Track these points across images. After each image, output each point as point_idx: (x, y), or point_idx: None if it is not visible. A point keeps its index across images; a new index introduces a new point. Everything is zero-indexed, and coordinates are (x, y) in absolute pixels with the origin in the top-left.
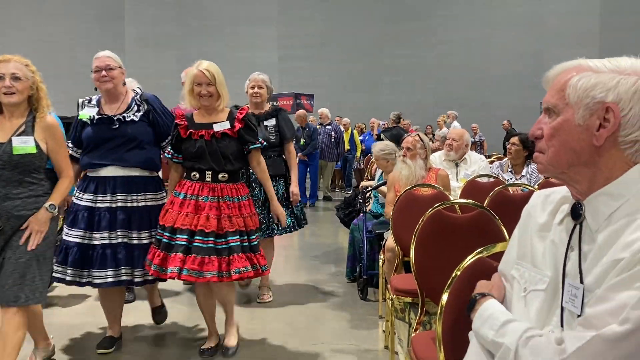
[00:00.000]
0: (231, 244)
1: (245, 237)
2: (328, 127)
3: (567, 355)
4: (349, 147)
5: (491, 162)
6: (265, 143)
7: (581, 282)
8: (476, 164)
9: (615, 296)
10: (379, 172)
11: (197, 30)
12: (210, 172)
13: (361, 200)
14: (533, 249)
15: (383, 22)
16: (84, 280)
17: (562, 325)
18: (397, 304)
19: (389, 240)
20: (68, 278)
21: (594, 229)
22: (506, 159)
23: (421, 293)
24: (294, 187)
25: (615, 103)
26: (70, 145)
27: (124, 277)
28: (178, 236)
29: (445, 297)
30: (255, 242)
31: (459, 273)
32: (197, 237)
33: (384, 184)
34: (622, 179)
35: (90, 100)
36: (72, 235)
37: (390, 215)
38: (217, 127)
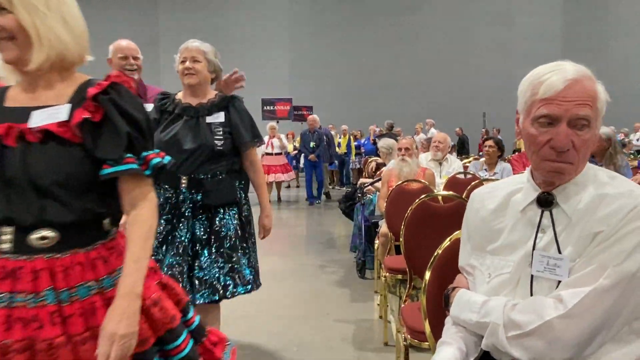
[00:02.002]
0: None
1: None
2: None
3: (568, 309)
4: (346, 150)
5: (469, 162)
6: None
7: (559, 252)
8: (455, 163)
9: (598, 260)
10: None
11: (222, 52)
12: (11, 231)
13: (359, 195)
14: (491, 236)
15: (378, 46)
16: None
17: (531, 294)
18: (390, 280)
19: (383, 227)
20: None
21: (570, 213)
22: (482, 159)
23: (409, 271)
24: (265, 219)
25: (602, 109)
26: None
27: None
28: None
29: (428, 273)
30: (183, 354)
31: (440, 252)
32: None
33: (379, 180)
34: (585, 169)
35: None
36: None
37: (383, 208)
38: (35, 119)
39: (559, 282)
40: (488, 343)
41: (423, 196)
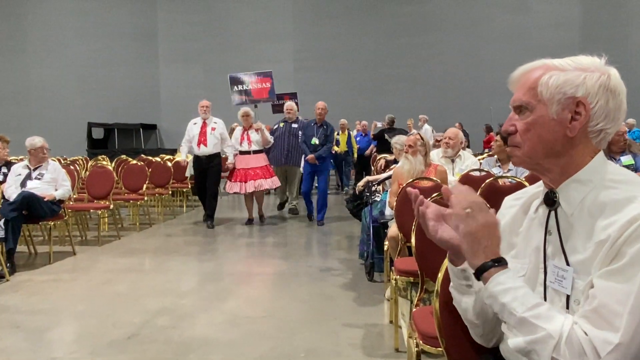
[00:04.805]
0: None
1: None
2: (294, 125)
3: None
4: (346, 149)
5: (482, 159)
6: None
7: (567, 264)
8: (469, 160)
9: (616, 286)
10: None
11: (222, 46)
12: None
13: (368, 194)
14: (510, 245)
15: (384, 37)
16: None
17: (545, 301)
18: (400, 283)
19: (392, 228)
20: None
21: (569, 213)
22: (495, 156)
23: (421, 273)
24: None
25: (585, 97)
26: None
27: None
28: None
29: (441, 275)
30: None
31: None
32: None
33: (389, 177)
34: (589, 166)
35: None
36: None
37: (394, 204)
38: None
39: (567, 295)
40: (521, 344)
41: (434, 195)
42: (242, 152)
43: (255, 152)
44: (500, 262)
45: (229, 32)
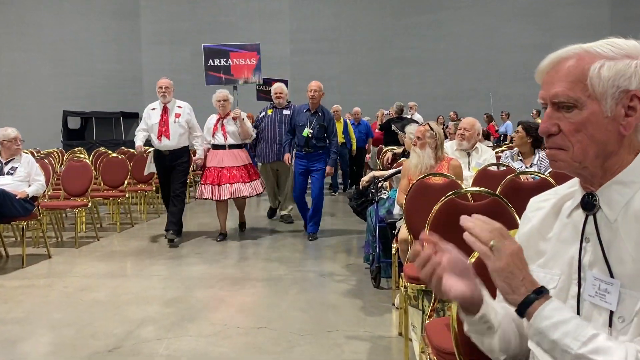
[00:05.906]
0: None
1: None
2: (286, 111)
3: None
4: (343, 140)
5: (501, 152)
6: None
7: (611, 275)
8: (487, 153)
9: None
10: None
11: (211, 26)
12: None
13: (373, 190)
14: (538, 252)
15: (392, 16)
16: None
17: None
18: (411, 291)
19: (402, 230)
20: None
21: (612, 219)
22: (515, 148)
23: None
24: None
25: (639, 89)
26: None
27: None
28: None
29: None
30: None
31: (472, 260)
32: None
33: (398, 172)
34: (633, 165)
35: None
36: None
37: (402, 201)
38: None
39: (611, 311)
40: None
41: (449, 193)
42: (215, 147)
43: (231, 146)
44: (542, 293)
45: (219, 11)
